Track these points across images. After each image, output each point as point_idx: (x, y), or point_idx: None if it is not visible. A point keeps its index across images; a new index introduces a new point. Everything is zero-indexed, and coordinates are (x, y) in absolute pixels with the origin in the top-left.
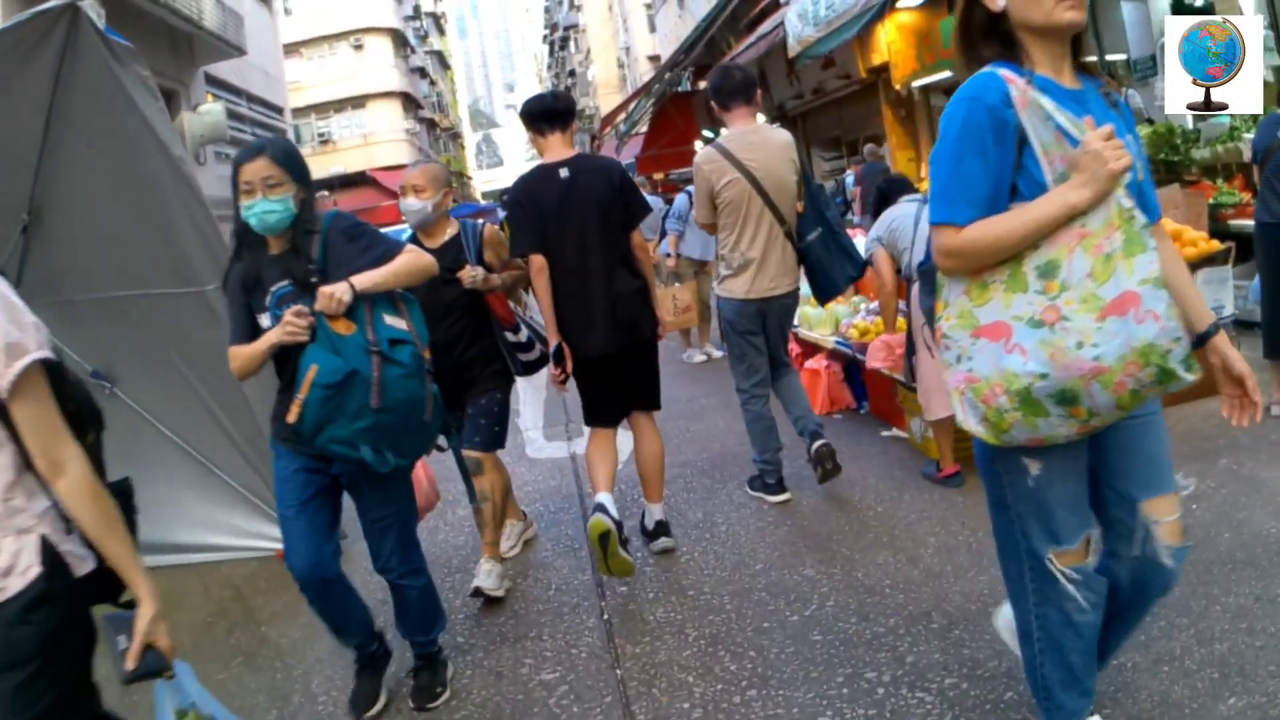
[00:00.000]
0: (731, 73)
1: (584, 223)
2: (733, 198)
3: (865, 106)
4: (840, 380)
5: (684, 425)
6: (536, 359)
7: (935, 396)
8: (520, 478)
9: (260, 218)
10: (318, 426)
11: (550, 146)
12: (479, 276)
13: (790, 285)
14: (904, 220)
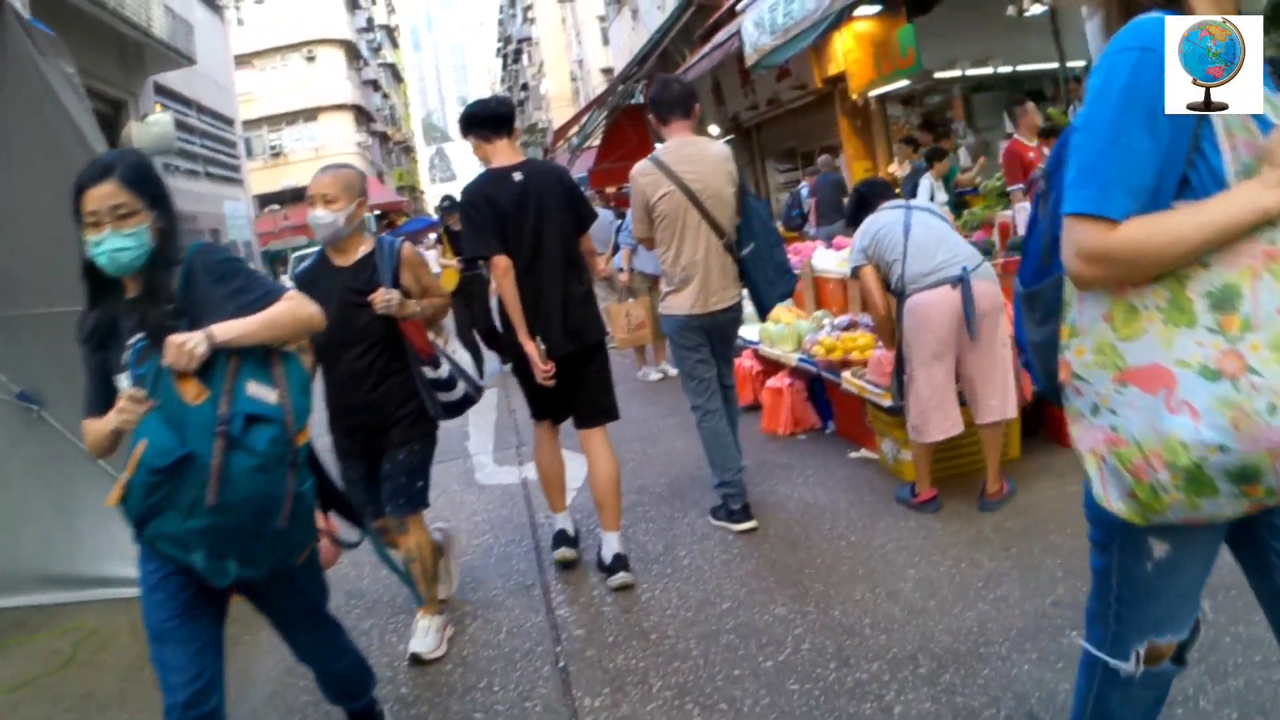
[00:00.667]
0: (670, 85)
1: (539, 227)
2: (668, 211)
3: (821, 117)
4: (804, 399)
5: (640, 448)
6: (459, 400)
7: (933, 419)
8: (469, 507)
9: (111, 257)
10: (143, 518)
11: (498, 152)
12: (393, 301)
13: (733, 299)
14: (891, 229)
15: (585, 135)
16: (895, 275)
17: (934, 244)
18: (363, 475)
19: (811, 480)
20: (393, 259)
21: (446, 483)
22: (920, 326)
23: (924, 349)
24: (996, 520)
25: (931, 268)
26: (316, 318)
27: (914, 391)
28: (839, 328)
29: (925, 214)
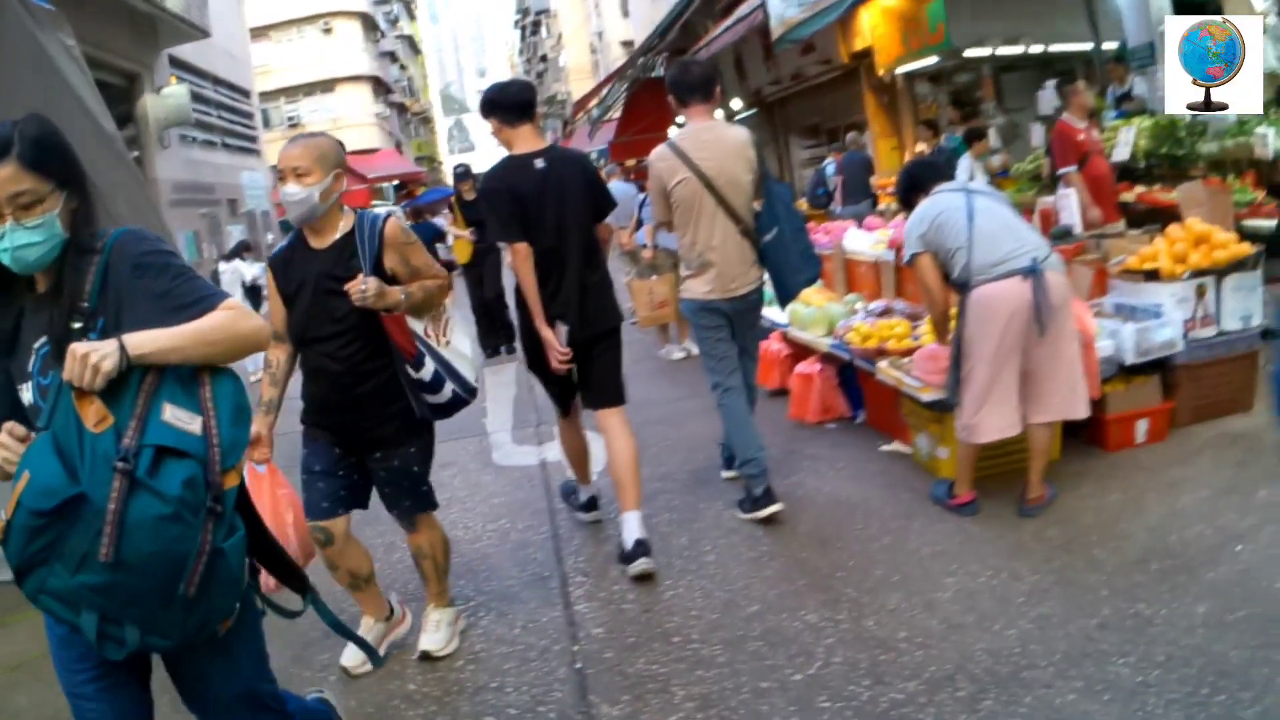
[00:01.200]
0: (690, 68)
1: (560, 214)
2: (684, 196)
3: (846, 93)
4: (834, 386)
5: (662, 432)
6: (448, 401)
7: (989, 418)
8: (485, 488)
9: (15, 255)
10: (23, 568)
11: (521, 138)
12: (369, 291)
13: (752, 284)
14: (952, 214)
15: (605, 107)
16: (958, 265)
17: (1001, 231)
18: (327, 467)
19: (842, 474)
20: (374, 240)
21: (463, 461)
22: (986, 320)
23: (988, 344)
24: (1036, 528)
25: (999, 257)
26: (260, 334)
27: (972, 388)
28: (874, 313)
29: (988, 198)
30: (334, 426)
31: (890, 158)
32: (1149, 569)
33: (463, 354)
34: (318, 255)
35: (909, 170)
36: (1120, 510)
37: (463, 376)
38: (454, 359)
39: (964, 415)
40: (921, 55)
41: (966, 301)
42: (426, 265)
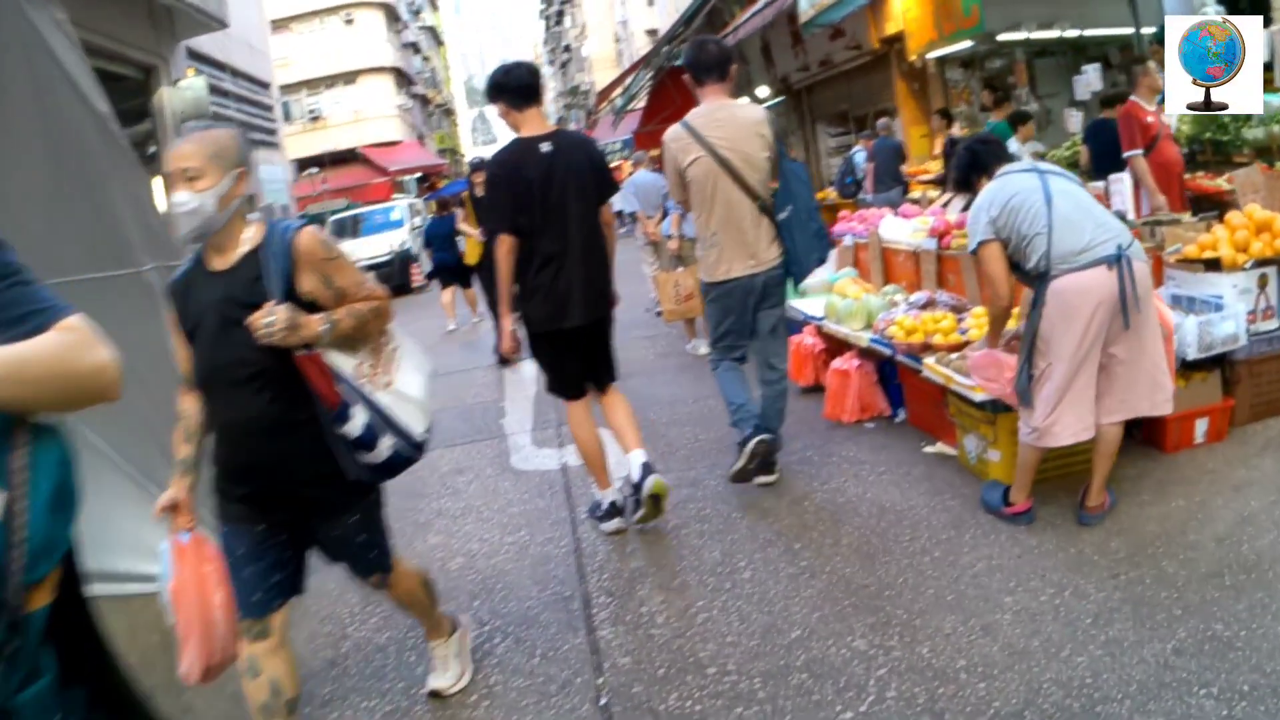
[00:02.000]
0: (706, 46)
1: (566, 197)
2: (698, 176)
3: (876, 79)
4: (873, 383)
5: (691, 433)
6: (387, 461)
7: (1065, 420)
8: (503, 495)
9: None
10: None
11: (528, 121)
12: (277, 324)
13: (771, 261)
14: (1028, 197)
15: (630, 96)
16: (1036, 253)
17: (1081, 216)
18: (252, 550)
19: (884, 478)
20: (283, 256)
21: (480, 466)
22: (1069, 314)
23: (1069, 339)
24: (1098, 539)
25: (1083, 244)
26: (103, 375)
27: (1047, 388)
28: (916, 306)
29: (1064, 180)
30: (254, 496)
31: (920, 145)
32: (1223, 584)
33: (410, 397)
34: (219, 279)
35: (971, 149)
36: (1186, 518)
37: (404, 428)
38: (396, 405)
39: (1036, 417)
40: (955, 40)
41: (1044, 293)
42: (356, 284)
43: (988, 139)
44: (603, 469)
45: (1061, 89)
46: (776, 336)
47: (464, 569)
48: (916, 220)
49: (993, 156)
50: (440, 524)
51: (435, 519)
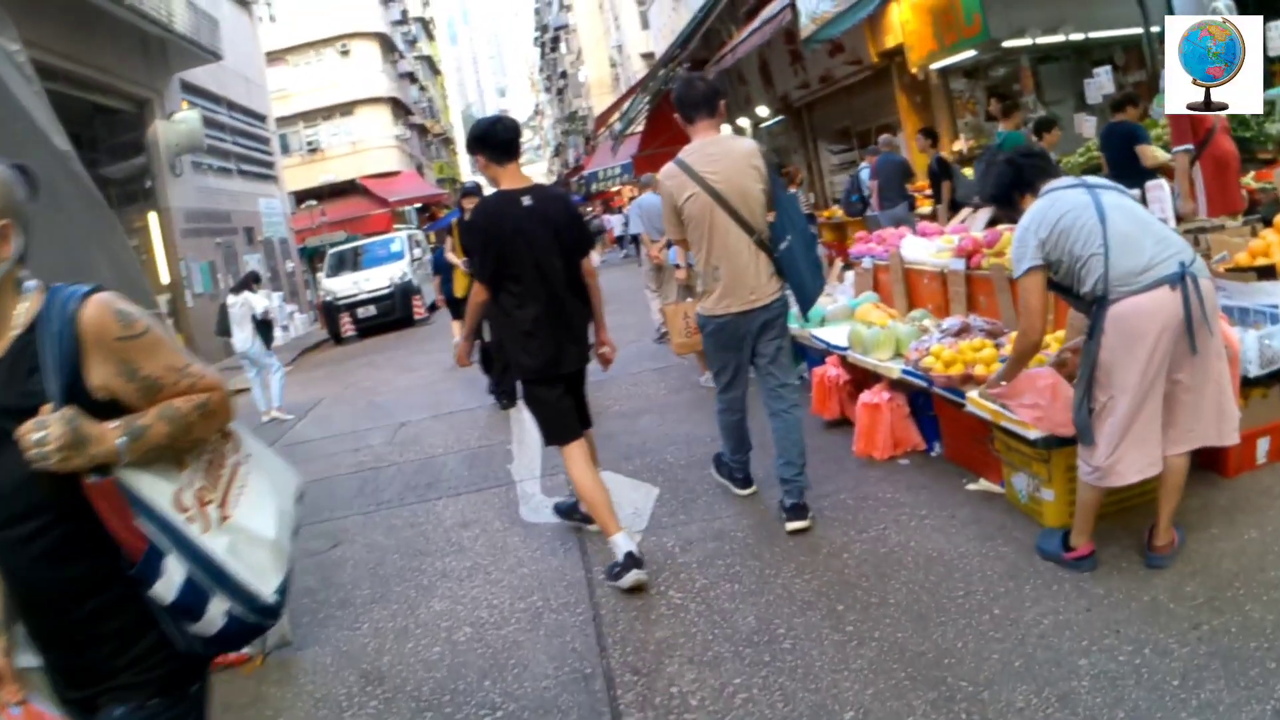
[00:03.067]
0: (694, 84)
1: (549, 249)
2: (695, 212)
3: (877, 94)
4: (905, 416)
5: (713, 475)
6: (221, 633)
7: (1130, 457)
8: (513, 553)
9: None
10: None
11: (508, 175)
12: (51, 439)
13: (772, 295)
14: (1080, 214)
15: (628, 121)
16: (1093, 276)
17: (1139, 232)
18: None
19: (928, 523)
20: (65, 338)
21: (487, 518)
22: (1132, 340)
23: (1133, 368)
24: (1171, 582)
25: (1143, 264)
26: None
27: (1110, 423)
28: (949, 333)
29: (1115, 193)
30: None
31: (924, 159)
32: None
33: (258, 537)
34: None
35: (1013, 162)
36: (1262, 551)
37: (244, 586)
38: (235, 551)
39: (1098, 455)
40: (957, 49)
41: (1103, 319)
42: (172, 371)
43: (1031, 151)
44: (610, 514)
45: (1067, 95)
46: (779, 363)
47: (472, 641)
48: (940, 239)
49: (1038, 171)
50: (445, 587)
51: (440, 581)
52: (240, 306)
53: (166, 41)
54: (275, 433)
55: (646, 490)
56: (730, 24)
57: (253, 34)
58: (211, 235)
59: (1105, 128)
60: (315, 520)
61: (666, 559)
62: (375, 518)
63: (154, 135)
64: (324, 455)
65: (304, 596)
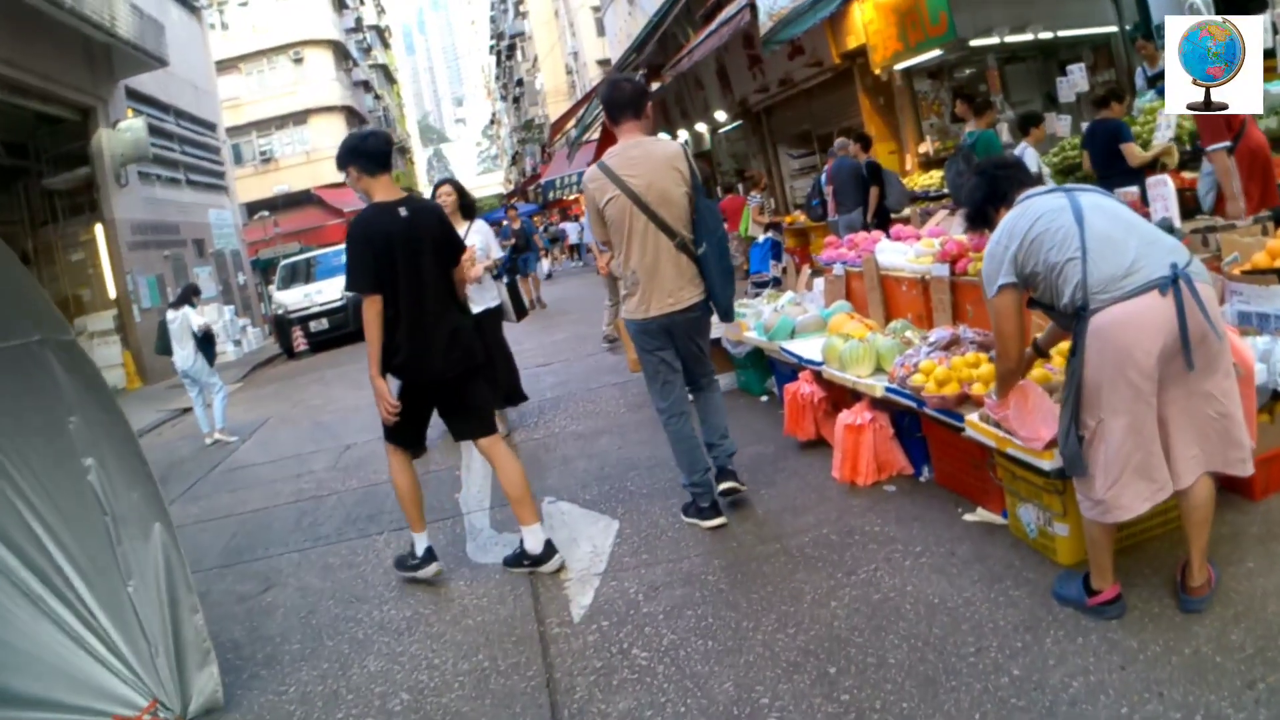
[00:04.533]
0: (620, 84)
1: (423, 259)
2: (615, 215)
3: (838, 96)
4: (889, 437)
5: (680, 507)
6: None
7: (1132, 487)
8: (456, 601)
9: None
10: None
11: (382, 186)
12: None
13: (693, 298)
14: (1054, 218)
15: (585, 128)
16: (1069, 283)
17: (1123, 232)
18: None
19: (924, 562)
20: None
21: None
22: (1118, 355)
23: (1122, 386)
24: (1213, 629)
25: (1127, 267)
26: None
27: (1103, 451)
28: (938, 346)
29: (1096, 195)
30: None
31: (888, 162)
32: None
33: None
34: None
35: (986, 173)
36: None
37: None
38: None
39: (1095, 488)
40: (923, 49)
41: (1084, 333)
42: None
43: (1005, 161)
44: (418, 514)
45: (1034, 95)
46: (699, 361)
47: (409, 711)
48: (919, 244)
49: (1013, 182)
50: (382, 641)
51: (376, 634)
52: (180, 322)
53: (111, 47)
54: (217, 456)
55: (605, 524)
56: (687, 27)
57: (202, 40)
58: (159, 248)
59: (1089, 125)
60: (249, 559)
61: (629, 609)
62: (312, 555)
63: (98, 144)
64: (264, 482)
65: (229, 651)
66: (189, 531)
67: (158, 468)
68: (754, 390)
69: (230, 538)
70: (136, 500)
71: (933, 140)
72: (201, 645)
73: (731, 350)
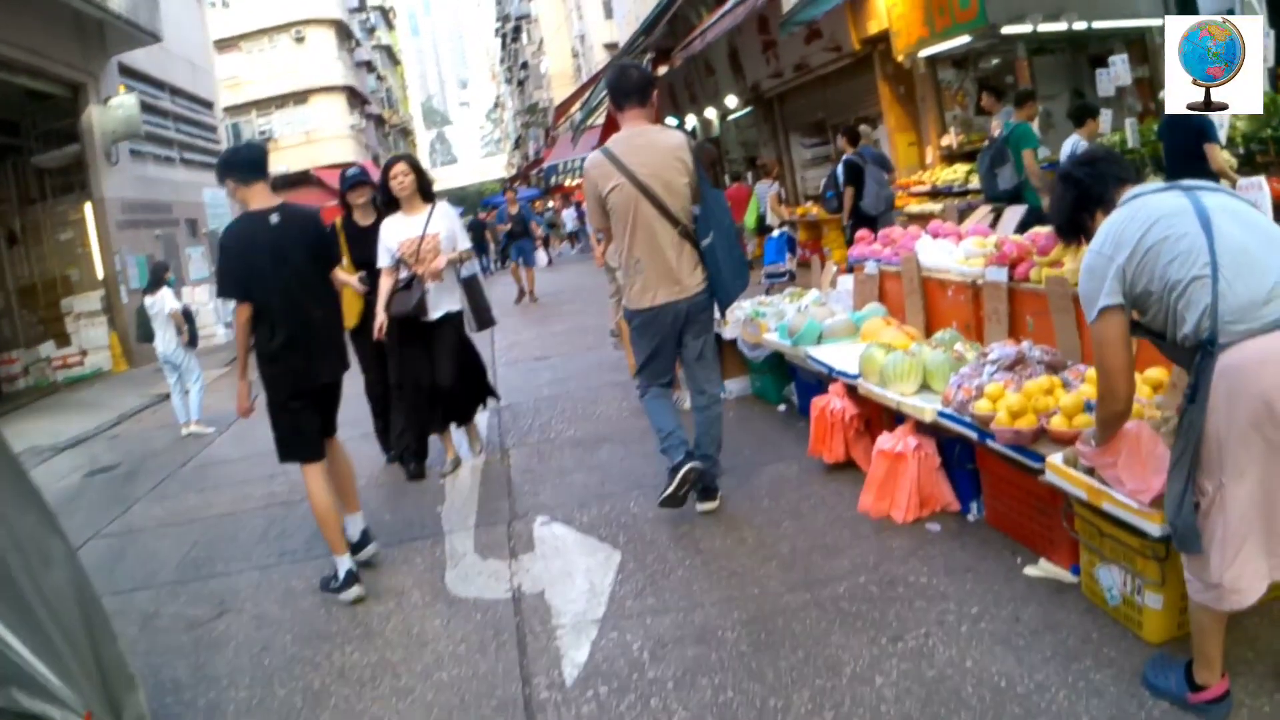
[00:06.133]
0: (627, 71)
1: (299, 265)
2: (619, 203)
3: (856, 83)
4: (936, 468)
5: (690, 538)
6: None
7: (1253, 565)
8: (433, 645)
9: None
10: None
11: (256, 195)
12: None
13: (696, 288)
14: (1175, 223)
15: (590, 111)
16: (1195, 310)
17: (1262, 247)
18: None
19: (984, 628)
20: None
21: (405, 586)
22: (1253, 404)
23: (1256, 443)
24: None
25: (1268, 292)
26: None
27: (1220, 523)
28: (1001, 365)
29: (1221, 194)
30: None
31: (908, 154)
32: None
33: None
34: None
35: (1069, 179)
36: None
37: None
38: None
39: (1210, 570)
40: (950, 35)
41: (1209, 373)
42: None
43: (1092, 157)
44: (339, 536)
45: (1062, 89)
46: (704, 362)
47: None
48: (969, 242)
49: (1108, 180)
50: (340, 694)
51: (335, 684)
52: (158, 307)
53: (103, 21)
54: (191, 449)
55: (605, 556)
56: (700, 7)
57: (200, 17)
58: (150, 227)
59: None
60: (207, 574)
61: (632, 671)
62: (274, 575)
63: (88, 121)
64: (235, 482)
65: (168, 693)
66: (148, 537)
67: (130, 459)
68: (770, 398)
69: (190, 547)
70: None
71: (956, 133)
72: (125, 672)
73: (748, 354)
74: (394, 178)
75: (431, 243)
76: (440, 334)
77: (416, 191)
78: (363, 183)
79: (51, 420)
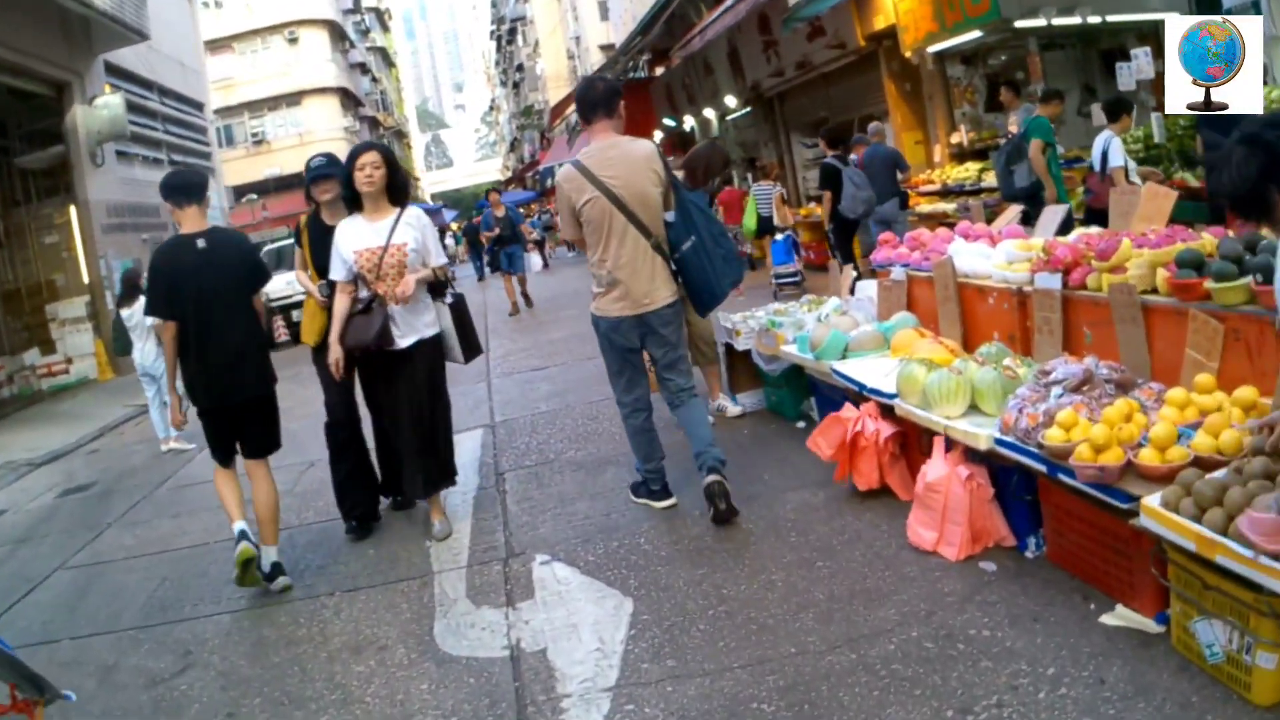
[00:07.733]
0: (594, 84)
1: (220, 289)
2: (594, 216)
3: (860, 81)
4: (989, 499)
5: (711, 583)
6: None
7: None
8: (418, 716)
9: None
10: None
11: (189, 218)
12: None
13: (667, 298)
14: None
15: None
16: None
17: None
18: None
19: (1065, 695)
20: None
21: (389, 636)
22: None
23: None
24: None
25: None
26: None
27: None
28: (1069, 386)
29: None
30: None
31: (915, 152)
32: None
33: None
34: None
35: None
36: None
37: None
38: None
39: None
40: (961, 30)
41: None
42: None
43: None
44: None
45: (1074, 85)
46: (676, 369)
47: None
48: (1008, 244)
49: None
50: None
51: None
52: (136, 317)
53: (88, 18)
54: (169, 468)
55: (616, 605)
56: (699, 5)
57: (191, 16)
58: (137, 231)
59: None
60: (174, 617)
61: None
62: (245, 621)
63: (73, 121)
64: (211, 507)
65: None
66: (116, 570)
67: (106, 478)
68: (788, 414)
69: (159, 584)
70: None
71: (966, 130)
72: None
73: (764, 366)
74: (361, 169)
75: (396, 255)
76: (408, 368)
77: (384, 191)
78: (330, 175)
79: (31, 432)
